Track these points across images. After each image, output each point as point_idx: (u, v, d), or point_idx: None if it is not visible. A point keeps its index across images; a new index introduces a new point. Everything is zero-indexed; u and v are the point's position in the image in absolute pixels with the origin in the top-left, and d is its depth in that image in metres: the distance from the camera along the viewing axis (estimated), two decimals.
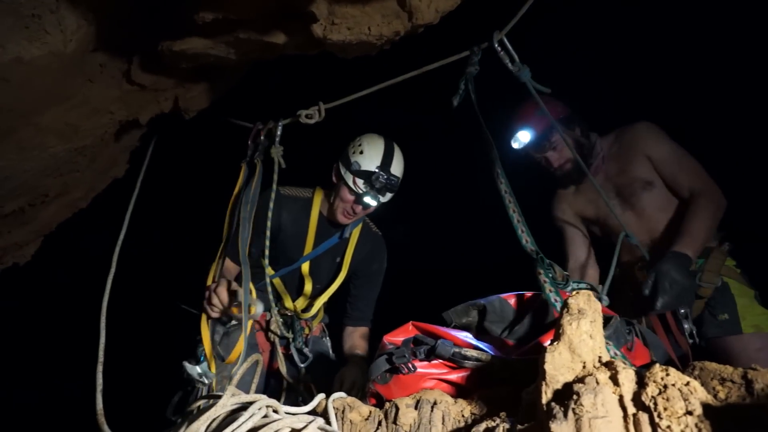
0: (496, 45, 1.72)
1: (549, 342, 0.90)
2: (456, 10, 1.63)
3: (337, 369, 2.27)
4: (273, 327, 2.16)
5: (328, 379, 2.14)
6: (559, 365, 0.82)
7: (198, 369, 1.68)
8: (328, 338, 2.47)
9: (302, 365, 2.15)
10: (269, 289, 1.95)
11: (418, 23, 1.59)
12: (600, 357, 0.85)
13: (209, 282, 1.87)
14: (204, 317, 1.80)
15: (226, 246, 1.97)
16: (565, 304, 0.94)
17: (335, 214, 2.17)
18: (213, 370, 1.71)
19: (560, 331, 0.88)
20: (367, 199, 2.07)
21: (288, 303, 2.29)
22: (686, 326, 1.86)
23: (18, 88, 1.53)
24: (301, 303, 2.30)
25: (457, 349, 1.19)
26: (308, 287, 2.26)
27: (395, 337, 1.35)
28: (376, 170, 2.05)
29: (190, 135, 2.81)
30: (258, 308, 1.68)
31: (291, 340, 2.19)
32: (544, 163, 2.43)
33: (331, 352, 2.44)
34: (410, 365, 1.21)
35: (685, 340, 1.86)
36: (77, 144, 1.89)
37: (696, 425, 0.67)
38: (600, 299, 1.54)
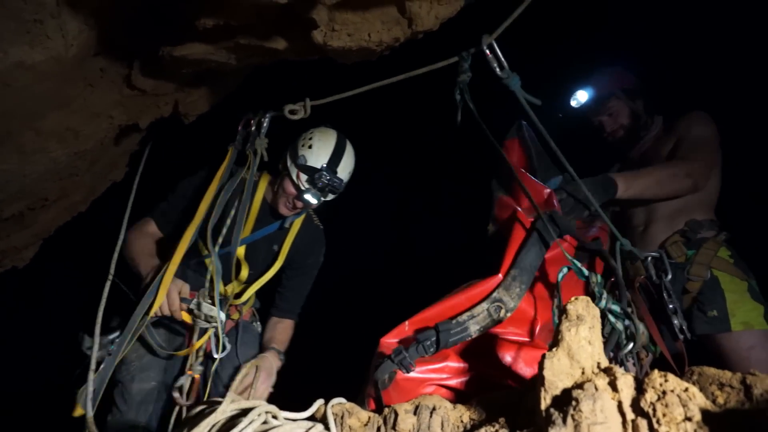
0: (485, 48, 1.54)
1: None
2: (456, 17, 1.64)
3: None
4: (196, 311, 1.87)
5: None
6: (557, 371, 0.82)
7: (86, 343, 1.76)
8: (258, 323, 2.37)
9: (217, 356, 1.86)
10: (186, 269, 1.86)
11: (417, 30, 1.59)
12: (599, 363, 0.86)
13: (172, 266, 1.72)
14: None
15: (199, 228, 1.84)
16: (563, 311, 0.94)
17: (277, 203, 2.08)
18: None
19: (559, 337, 0.88)
20: (308, 197, 1.96)
21: (219, 287, 2.10)
22: (676, 322, 1.81)
23: (19, 92, 1.54)
24: (233, 288, 2.16)
25: (454, 329, 1.18)
26: (244, 273, 2.13)
27: (392, 339, 1.35)
28: (321, 169, 1.95)
29: (189, 138, 2.82)
30: (221, 317, 1.73)
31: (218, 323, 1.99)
32: (597, 126, 2.46)
33: (260, 337, 2.31)
34: (410, 366, 1.20)
35: (679, 339, 1.83)
36: (77, 148, 1.89)
37: (695, 431, 0.68)
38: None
